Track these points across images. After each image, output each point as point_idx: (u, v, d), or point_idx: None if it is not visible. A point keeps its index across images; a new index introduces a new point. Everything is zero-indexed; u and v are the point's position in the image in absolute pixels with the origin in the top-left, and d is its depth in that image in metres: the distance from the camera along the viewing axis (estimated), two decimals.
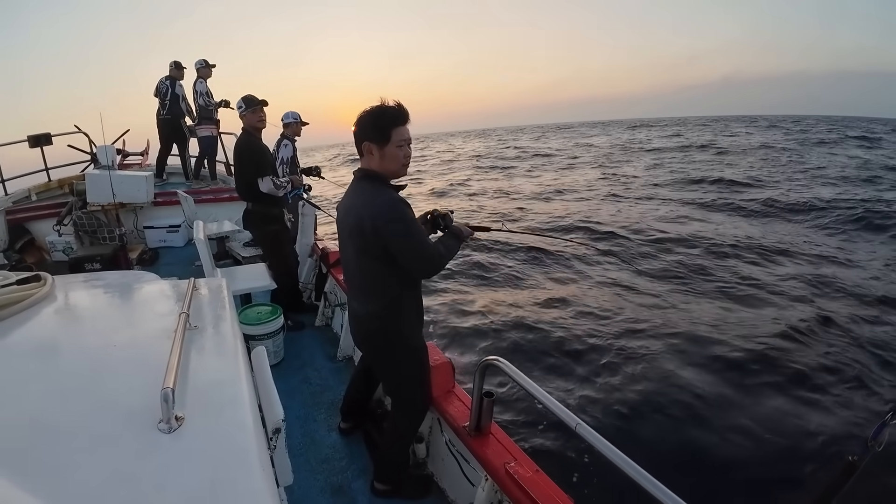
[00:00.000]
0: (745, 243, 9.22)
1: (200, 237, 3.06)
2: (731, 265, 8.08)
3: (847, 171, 18.46)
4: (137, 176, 5.68)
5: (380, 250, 1.76)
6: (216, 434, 0.86)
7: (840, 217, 11.17)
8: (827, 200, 12.60)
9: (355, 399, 2.54)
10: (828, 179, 16.65)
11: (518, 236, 8.97)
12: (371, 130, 1.78)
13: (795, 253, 8.74)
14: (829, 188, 14.86)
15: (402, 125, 1.78)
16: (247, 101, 3.47)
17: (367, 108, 1.78)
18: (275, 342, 3.19)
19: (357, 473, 2.32)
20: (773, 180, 16.67)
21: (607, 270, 7.85)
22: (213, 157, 7.47)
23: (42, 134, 6.44)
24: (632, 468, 1.25)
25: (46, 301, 1.34)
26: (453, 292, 6.86)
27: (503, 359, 1.78)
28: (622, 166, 23.51)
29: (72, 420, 0.86)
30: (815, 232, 10.43)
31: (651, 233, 10.12)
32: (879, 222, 10.56)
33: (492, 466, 1.81)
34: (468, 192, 18.01)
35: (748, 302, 6.72)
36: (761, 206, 12.60)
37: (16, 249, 5.28)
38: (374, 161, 1.81)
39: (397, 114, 1.77)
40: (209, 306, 1.46)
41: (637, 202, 14.11)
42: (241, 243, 5.62)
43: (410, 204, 1.81)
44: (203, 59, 6.92)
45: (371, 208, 1.75)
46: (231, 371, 1.08)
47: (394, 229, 1.73)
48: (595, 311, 6.23)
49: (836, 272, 7.74)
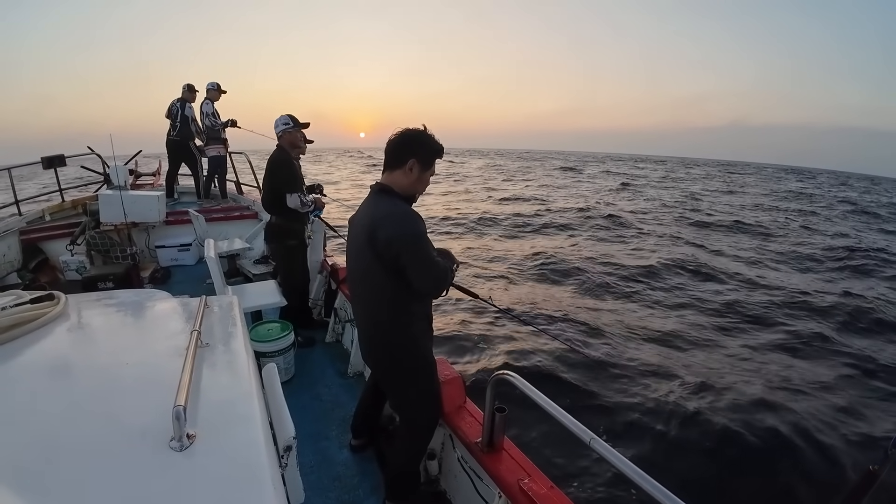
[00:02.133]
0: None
1: (211, 255, 3.08)
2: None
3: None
4: (149, 196, 5.75)
5: (391, 262, 1.77)
6: (228, 452, 0.86)
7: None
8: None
9: (366, 415, 2.53)
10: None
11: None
12: (425, 151, 1.86)
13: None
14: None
15: (439, 158, 1.93)
16: (293, 119, 3.61)
17: (426, 132, 1.86)
18: (286, 359, 3.19)
19: (369, 491, 2.30)
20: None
21: (628, 296, 7.83)
22: (222, 176, 7.55)
23: (56, 156, 6.54)
24: (648, 483, 1.22)
25: (60, 320, 1.35)
26: (464, 307, 6.83)
27: (515, 373, 1.77)
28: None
29: (84, 438, 0.86)
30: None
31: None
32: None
33: (505, 483, 1.78)
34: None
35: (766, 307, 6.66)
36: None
37: (30, 269, 5.33)
38: (408, 178, 1.85)
39: (442, 148, 1.91)
40: (220, 324, 1.47)
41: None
42: (251, 261, 5.65)
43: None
44: (215, 83, 7.03)
45: (386, 220, 1.76)
46: (242, 389, 1.08)
47: (407, 241, 1.74)
48: (611, 327, 6.19)
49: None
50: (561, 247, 11.41)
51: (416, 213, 1.83)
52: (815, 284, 8.99)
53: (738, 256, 11.27)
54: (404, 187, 1.87)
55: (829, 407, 4.41)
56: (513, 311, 4.46)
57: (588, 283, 8.30)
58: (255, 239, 5.98)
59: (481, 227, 13.99)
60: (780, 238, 14.47)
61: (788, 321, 6.77)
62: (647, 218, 17.11)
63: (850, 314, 7.24)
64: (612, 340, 5.79)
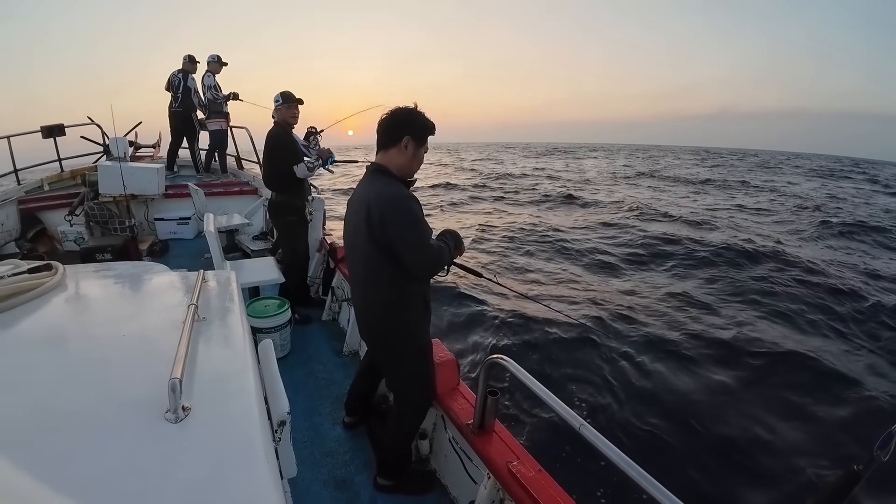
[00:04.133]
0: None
1: (210, 230, 3.08)
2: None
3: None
4: (149, 168, 5.72)
5: (385, 242, 1.78)
6: (222, 425, 0.87)
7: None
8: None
9: (360, 394, 2.56)
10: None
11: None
12: (417, 128, 1.88)
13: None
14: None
15: (431, 136, 1.95)
16: (284, 96, 3.60)
17: (415, 109, 1.87)
18: (282, 335, 3.21)
19: (360, 468, 2.33)
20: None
21: (625, 273, 7.83)
22: (223, 151, 7.51)
23: (55, 125, 6.49)
24: (634, 469, 1.24)
25: (57, 290, 1.35)
26: (462, 288, 6.85)
27: (508, 357, 1.78)
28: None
29: (80, 408, 0.87)
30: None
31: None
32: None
33: (494, 465, 1.81)
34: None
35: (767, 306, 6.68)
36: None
37: (28, 238, 5.34)
38: (403, 155, 1.87)
39: (433, 126, 1.93)
40: (217, 298, 1.47)
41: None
42: (250, 236, 5.65)
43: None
44: (216, 55, 6.94)
45: (381, 200, 1.77)
46: (238, 363, 1.09)
47: (401, 222, 1.75)
48: (606, 312, 6.21)
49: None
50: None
51: (411, 194, 1.83)
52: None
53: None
54: (400, 166, 1.88)
55: (814, 402, 4.46)
56: (515, 289, 4.49)
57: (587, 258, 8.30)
58: (254, 215, 5.97)
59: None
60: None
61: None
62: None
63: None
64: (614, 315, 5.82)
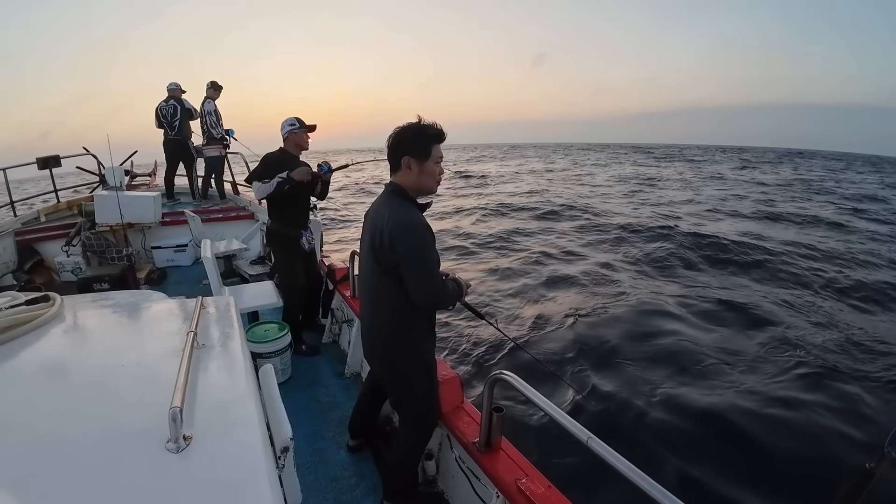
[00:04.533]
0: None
1: (208, 255, 3.08)
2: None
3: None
4: (145, 196, 5.74)
5: (392, 266, 1.77)
6: (225, 453, 0.86)
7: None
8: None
9: (364, 416, 2.53)
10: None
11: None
12: (413, 145, 1.81)
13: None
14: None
15: (441, 142, 1.83)
16: (299, 121, 3.51)
17: (408, 123, 1.82)
18: (282, 360, 3.18)
19: (366, 492, 2.30)
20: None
21: (624, 287, 7.83)
22: (220, 176, 7.54)
23: (51, 156, 6.52)
24: (646, 482, 1.22)
25: (55, 321, 1.34)
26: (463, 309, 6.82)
27: (512, 373, 1.77)
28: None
29: (80, 440, 0.85)
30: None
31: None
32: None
33: (503, 483, 1.78)
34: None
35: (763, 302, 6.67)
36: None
37: (25, 270, 5.32)
38: (410, 176, 1.83)
39: (438, 131, 1.82)
40: (217, 325, 1.46)
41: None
42: (248, 261, 5.64)
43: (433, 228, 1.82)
44: (212, 81, 7.04)
45: (393, 224, 1.75)
46: (239, 390, 1.08)
47: (409, 249, 1.73)
48: (607, 325, 6.19)
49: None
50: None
51: (422, 221, 1.79)
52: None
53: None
54: (410, 186, 1.85)
55: (826, 400, 4.43)
56: (519, 339, 4.53)
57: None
58: (251, 240, 5.97)
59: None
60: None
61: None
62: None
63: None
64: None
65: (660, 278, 8.36)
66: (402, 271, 1.75)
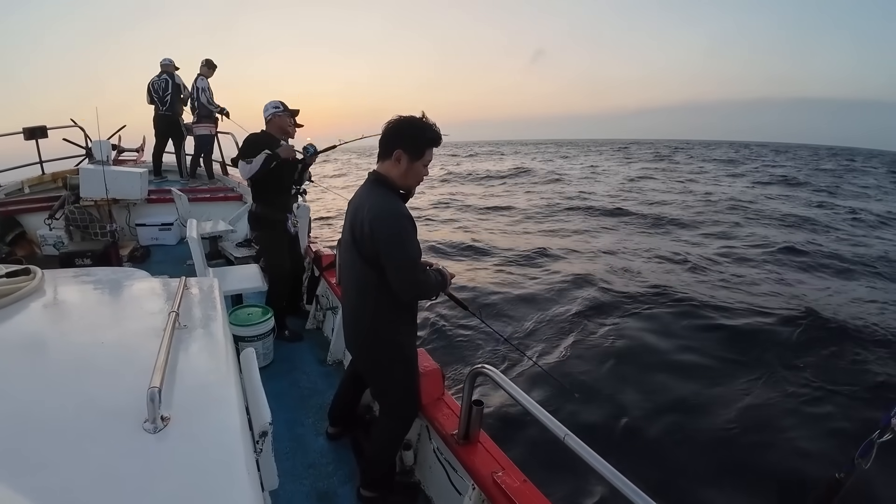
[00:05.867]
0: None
1: (193, 236, 3.05)
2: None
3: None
4: (132, 172, 5.66)
5: (373, 256, 1.76)
6: (202, 436, 0.85)
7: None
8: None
9: (344, 404, 2.53)
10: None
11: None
12: (410, 141, 1.79)
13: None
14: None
15: (435, 147, 1.83)
16: (283, 104, 3.47)
17: (411, 117, 1.79)
18: (264, 344, 3.17)
19: (343, 479, 2.30)
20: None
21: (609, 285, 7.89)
22: (209, 156, 7.46)
23: (37, 127, 6.40)
24: (619, 480, 1.24)
25: (35, 295, 1.32)
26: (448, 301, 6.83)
27: (492, 367, 1.78)
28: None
29: (56, 417, 0.85)
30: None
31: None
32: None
33: (479, 475, 1.80)
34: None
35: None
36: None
37: (6, 242, 5.22)
38: (397, 169, 1.81)
39: (436, 136, 1.80)
40: (199, 306, 1.45)
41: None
42: (233, 243, 5.59)
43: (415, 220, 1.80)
44: (207, 59, 6.97)
45: (374, 214, 1.74)
46: (219, 372, 1.07)
47: (389, 239, 1.73)
48: (592, 319, 6.24)
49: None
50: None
51: (404, 211, 1.78)
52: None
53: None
54: (395, 178, 1.84)
55: (795, 406, 4.51)
56: (503, 333, 4.54)
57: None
58: (238, 221, 5.91)
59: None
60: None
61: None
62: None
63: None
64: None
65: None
66: (383, 261, 1.75)
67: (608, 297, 6.99)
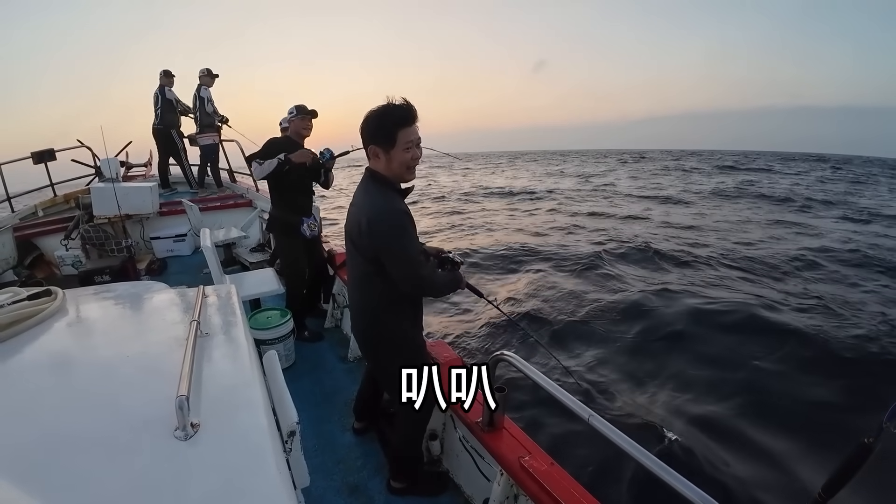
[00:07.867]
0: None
1: (207, 244, 3.08)
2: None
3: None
4: (142, 187, 5.71)
5: (372, 253, 1.75)
6: (232, 439, 0.87)
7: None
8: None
9: (367, 398, 2.55)
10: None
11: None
12: (376, 133, 1.70)
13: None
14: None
15: (410, 126, 1.69)
16: (298, 108, 3.45)
17: (373, 109, 1.70)
18: (286, 346, 3.21)
19: (373, 472, 2.33)
20: None
21: (625, 276, 7.85)
22: (215, 164, 7.49)
23: (45, 150, 6.47)
24: (647, 458, 1.24)
25: (58, 315, 1.34)
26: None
27: (512, 353, 1.79)
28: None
29: (89, 432, 0.87)
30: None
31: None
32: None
33: (506, 461, 1.81)
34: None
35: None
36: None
37: (25, 265, 5.31)
38: (379, 163, 1.76)
39: (404, 114, 1.67)
40: (219, 313, 1.47)
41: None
42: (247, 249, 5.64)
43: (412, 214, 1.77)
44: (206, 68, 6.96)
45: (370, 211, 1.72)
46: (244, 376, 1.09)
47: (386, 235, 1.70)
48: (607, 306, 6.22)
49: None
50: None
51: (400, 207, 1.74)
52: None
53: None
54: (383, 173, 1.78)
55: (824, 376, 4.47)
56: (517, 318, 4.46)
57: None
58: (250, 227, 5.96)
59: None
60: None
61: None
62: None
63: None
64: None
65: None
66: (382, 258, 1.73)
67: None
